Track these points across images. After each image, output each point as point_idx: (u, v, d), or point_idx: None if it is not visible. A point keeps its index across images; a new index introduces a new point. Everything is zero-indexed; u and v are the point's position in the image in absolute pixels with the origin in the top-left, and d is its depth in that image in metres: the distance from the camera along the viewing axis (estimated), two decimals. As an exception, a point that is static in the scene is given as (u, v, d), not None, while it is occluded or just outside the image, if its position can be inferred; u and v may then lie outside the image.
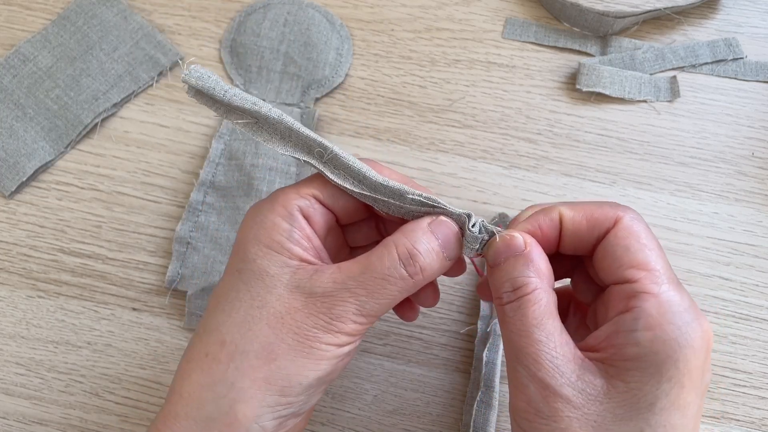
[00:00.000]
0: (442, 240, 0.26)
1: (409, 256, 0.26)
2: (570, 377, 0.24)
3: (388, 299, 0.26)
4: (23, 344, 0.38)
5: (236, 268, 0.27)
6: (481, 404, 0.35)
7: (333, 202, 0.28)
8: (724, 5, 0.47)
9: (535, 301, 0.25)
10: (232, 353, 0.25)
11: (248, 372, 0.25)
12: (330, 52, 0.45)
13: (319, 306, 0.25)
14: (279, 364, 0.25)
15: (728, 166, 0.43)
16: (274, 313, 0.25)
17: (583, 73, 0.44)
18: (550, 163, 0.43)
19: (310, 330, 0.25)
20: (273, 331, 0.25)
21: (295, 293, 0.25)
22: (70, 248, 0.41)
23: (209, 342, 0.26)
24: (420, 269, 0.26)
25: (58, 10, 0.47)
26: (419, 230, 0.26)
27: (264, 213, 0.27)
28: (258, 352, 0.25)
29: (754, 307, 0.39)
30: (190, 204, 0.41)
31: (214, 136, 0.43)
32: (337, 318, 0.25)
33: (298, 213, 0.26)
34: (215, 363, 0.25)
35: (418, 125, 0.44)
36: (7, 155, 0.42)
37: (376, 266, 0.26)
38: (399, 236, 0.26)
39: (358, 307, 0.25)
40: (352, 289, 0.25)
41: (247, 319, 0.25)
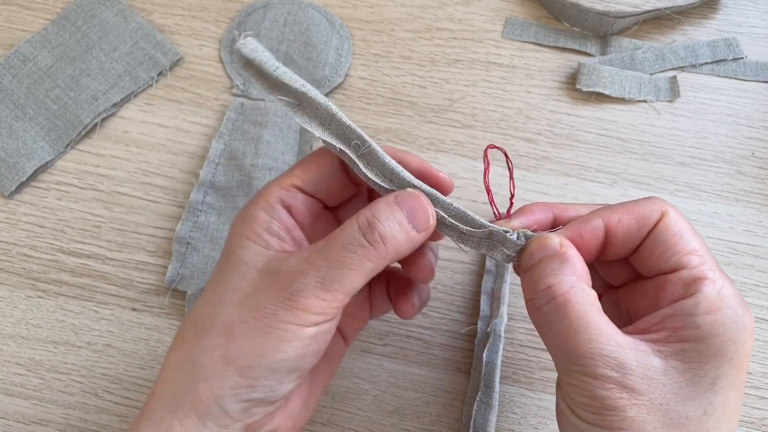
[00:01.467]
0: (407, 210, 0.26)
1: (368, 225, 0.25)
2: (630, 365, 0.24)
3: (351, 270, 0.25)
4: (23, 344, 0.38)
5: (220, 262, 0.28)
6: (481, 404, 0.35)
7: (315, 188, 0.28)
8: (724, 5, 0.47)
9: (575, 300, 0.24)
10: (200, 333, 0.26)
11: (210, 350, 0.25)
12: (330, 52, 0.45)
13: (281, 282, 0.25)
14: (238, 342, 0.25)
15: (728, 166, 0.43)
16: (241, 294, 0.26)
17: (583, 73, 0.44)
18: (550, 163, 0.43)
19: (268, 307, 0.25)
20: (236, 310, 0.25)
21: (264, 275, 0.26)
22: (70, 248, 0.41)
23: (186, 325, 0.27)
24: (380, 237, 0.25)
25: (58, 10, 0.47)
26: (383, 201, 0.26)
27: (247, 208, 0.27)
28: (219, 331, 0.25)
29: (754, 307, 0.39)
30: (190, 204, 0.41)
31: (213, 136, 0.43)
32: (297, 293, 0.24)
33: (278, 204, 0.27)
34: (186, 342, 0.26)
35: (418, 125, 0.44)
36: (7, 155, 0.42)
37: (337, 237, 0.25)
38: (363, 209, 0.26)
39: (319, 280, 0.24)
40: (314, 262, 0.25)
41: (219, 301, 0.26)
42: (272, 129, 0.43)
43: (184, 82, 0.45)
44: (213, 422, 0.25)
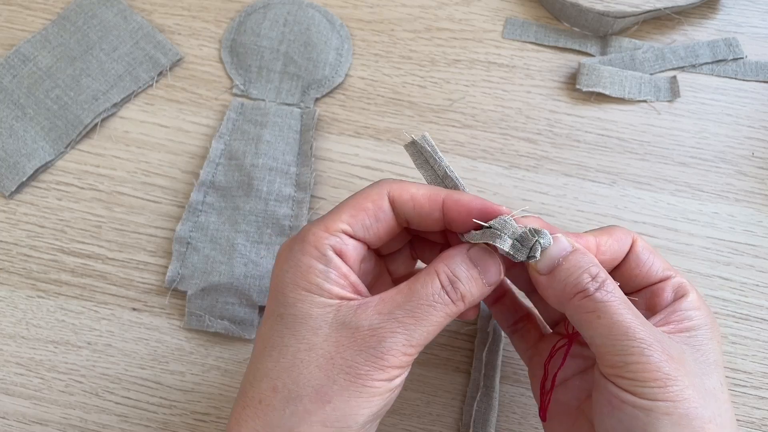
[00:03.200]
0: (482, 267, 0.27)
1: (450, 283, 0.26)
2: (667, 341, 0.26)
3: (435, 326, 0.26)
4: (23, 344, 0.38)
5: (277, 313, 0.26)
6: (481, 404, 0.35)
7: (364, 233, 0.27)
8: (724, 5, 0.47)
9: (614, 286, 0.26)
10: (286, 398, 0.25)
11: (304, 416, 0.25)
12: (330, 52, 0.45)
13: (368, 340, 0.25)
14: (334, 405, 0.25)
15: (728, 166, 0.43)
16: (322, 354, 0.25)
17: (583, 73, 0.44)
18: (550, 163, 0.43)
19: (360, 368, 0.25)
20: (324, 372, 0.25)
21: (341, 330, 0.25)
22: (70, 248, 0.41)
23: (261, 389, 0.26)
24: (461, 296, 0.26)
25: (58, 10, 0.47)
26: (458, 257, 0.27)
27: (297, 256, 0.26)
28: (311, 396, 0.25)
29: (754, 307, 0.39)
30: (190, 204, 0.41)
31: (214, 136, 0.43)
32: (387, 351, 0.25)
33: (332, 252, 0.26)
34: (270, 409, 0.25)
35: (418, 125, 0.44)
36: (7, 155, 0.42)
37: (421, 293, 0.26)
38: (440, 264, 0.27)
39: (407, 338, 0.25)
40: (399, 318, 0.25)
41: (296, 363, 0.25)
42: (272, 129, 0.43)
43: (184, 82, 0.45)
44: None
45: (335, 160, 0.43)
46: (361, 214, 0.27)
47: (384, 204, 0.28)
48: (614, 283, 0.27)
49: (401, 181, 0.28)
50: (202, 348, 0.38)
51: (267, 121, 0.43)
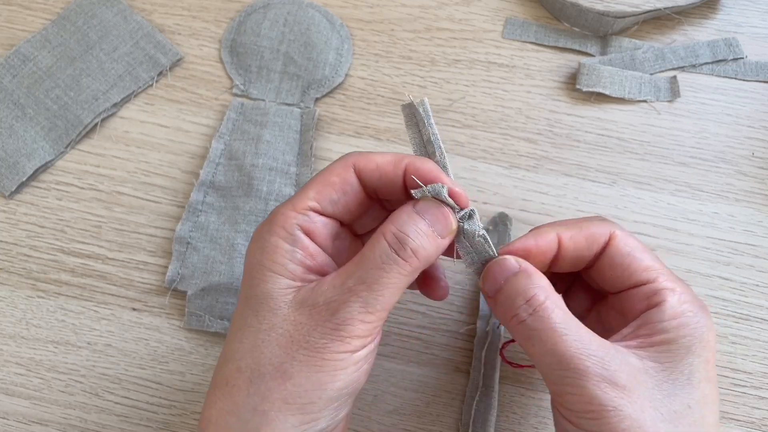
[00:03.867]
0: (429, 219, 0.26)
1: (397, 240, 0.25)
2: (615, 362, 0.25)
3: (391, 289, 0.25)
4: (23, 344, 0.38)
5: (244, 296, 0.27)
6: (481, 404, 0.35)
7: (333, 209, 0.27)
8: (724, 5, 0.47)
9: (555, 307, 0.26)
10: (249, 378, 0.25)
11: (267, 395, 0.25)
12: (330, 52, 0.45)
13: (324, 314, 0.25)
14: (294, 381, 0.25)
15: (728, 166, 0.43)
16: (282, 333, 0.25)
17: (583, 73, 0.44)
18: (550, 163, 0.43)
19: (318, 341, 0.25)
20: (283, 350, 0.25)
21: (300, 309, 0.25)
22: (70, 248, 0.41)
23: (227, 370, 0.26)
24: (412, 252, 0.25)
25: (58, 10, 0.47)
26: (404, 214, 0.26)
27: (265, 236, 0.26)
28: (272, 374, 0.25)
29: (754, 307, 0.39)
30: (190, 204, 0.41)
31: (214, 136, 0.43)
32: (343, 322, 0.25)
33: (299, 231, 0.26)
34: (236, 390, 0.26)
35: (418, 125, 0.44)
36: (7, 155, 0.42)
37: (369, 257, 0.25)
38: (386, 224, 0.26)
39: (362, 305, 0.25)
40: (351, 287, 0.25)
41: (257, 343, 0.26)
42: (272, 129, 0.43)
43: (184, 82, 0.45)
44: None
45: (335, 160, 0.43)
46: (327, 189, 0.27)
47: (350, 176, 0.27)
48: (554, 306, 0.26)
49: (367, 152, 0.28)
50: (202, 348, 0.38)
51: (267, 121, 0.43)
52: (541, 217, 0.41)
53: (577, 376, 0.24)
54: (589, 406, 0.24)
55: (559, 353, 0.25)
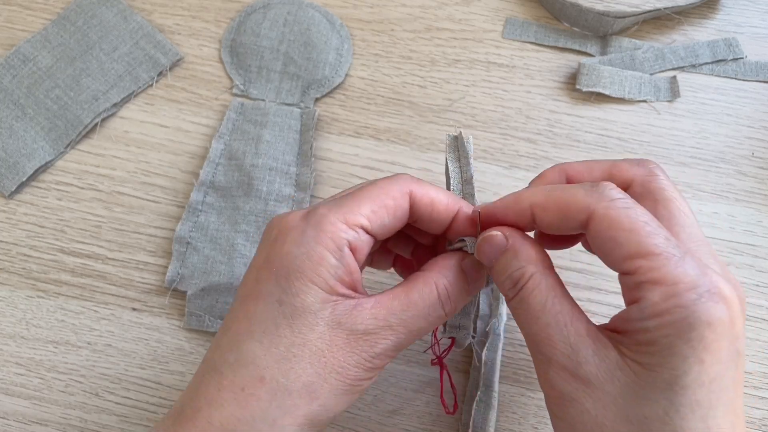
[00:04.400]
0: (471, 278, 0.28)
1: (447, 297, 0.27)
2: (585, 354, 0.24)
3: (419, 336, 0.27)
4: (23, 344, 0.38)
5: (276, 299, 0.25)
6: (481, 404, 0.35)
7: (380, 230, 0.27)
8: (724, 5, 0.47)
9: (534, 287, 0.25)
10: (274, 390, 0.25)
11: (290, 410, 0.25)
12: (330, 52, 0.45)
13: (362, 344, 0.26)
14: (321, 402, 0.25)
15: (728, 166, 0.43)
16: (315, 351, 0.25)
17: (583, 73, 0.44)
18: (550, 163, 0.43)
19: (351, 369, 0.26)
20: (315, 370, 0.25)
21: (337, 330, 0.25)
22: (70, 248, 0.41)
23: (245, 376, 0.25)
24: (452, 309, 0.27)
25: (58, 10, 0.47)
26: (455, 269, 0.27)
27: (311, 243, 0.25)
28: (300, 392, 0.25)
29: (754, 307, 0.39)
30: (190, 204, 0.41)
31: (214, 136, 0.43)
32: (377, 356, 0.26)
33: (347, 248, 0.26)
34: (254, 399, 0.25)
35: (418, 125, 0.44)
36: (7, 155, 0.42)
37: (419, 305, 0.26)
38: (438, 276, 0.27)
39: (396, 344, 0.26)
40: (393, 326, 0.26)
41: (288, 356, 0.25)
42: (272, 129, 0.43)
43: (184, 82, 0.45)
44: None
45: (335, 160, 0.43)
46: (382, 211, 0.26)
47: (405, 203, 0.27)
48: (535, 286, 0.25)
49: (420, 180, 0.28)
50: (202, 348, 0.38)
51: (267, 121, 0.43)
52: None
53: (544, 361, 0.24)
54: (552, 391, 0.24)
55: (531, 335, 0.25)
